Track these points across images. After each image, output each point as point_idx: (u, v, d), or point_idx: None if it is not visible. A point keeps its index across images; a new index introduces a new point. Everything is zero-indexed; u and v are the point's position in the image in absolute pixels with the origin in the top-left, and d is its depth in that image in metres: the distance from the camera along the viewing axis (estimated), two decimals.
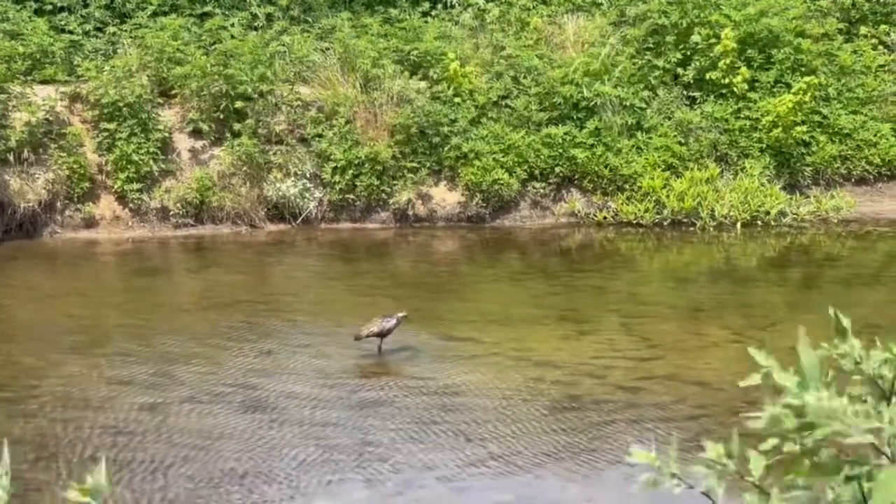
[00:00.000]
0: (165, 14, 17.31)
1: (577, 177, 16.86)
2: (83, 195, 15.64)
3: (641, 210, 16.53)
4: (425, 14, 18.56)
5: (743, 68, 17.49)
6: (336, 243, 15.78)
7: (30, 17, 16.78)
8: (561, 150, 16.68)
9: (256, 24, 17.82)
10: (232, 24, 17.50)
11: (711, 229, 16.40)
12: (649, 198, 16.59)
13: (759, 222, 16.60)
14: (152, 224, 15.88)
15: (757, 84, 17.67)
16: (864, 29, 19.18)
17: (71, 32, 16.88)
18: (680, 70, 17.75)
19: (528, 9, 18.43)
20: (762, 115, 17.32)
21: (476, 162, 16.39)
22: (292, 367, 10.25)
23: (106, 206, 15.82)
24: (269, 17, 18.01)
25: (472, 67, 17.26)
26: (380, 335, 10.45)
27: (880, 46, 19.06)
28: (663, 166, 16.80)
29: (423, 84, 17.05)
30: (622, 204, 16.64)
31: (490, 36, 17.92)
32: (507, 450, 8.37)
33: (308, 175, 16.27)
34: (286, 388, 9.66)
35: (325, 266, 15.02)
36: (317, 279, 14.34)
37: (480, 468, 8.09)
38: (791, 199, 17.06)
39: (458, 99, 16.87)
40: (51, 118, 15.70)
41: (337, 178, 16.22)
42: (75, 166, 15.50)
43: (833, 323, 2.24)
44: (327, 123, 16.47)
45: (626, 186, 16.73)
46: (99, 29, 17.24)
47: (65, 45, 16.54)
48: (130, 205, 15.79)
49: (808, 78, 17.38)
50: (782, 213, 16.78)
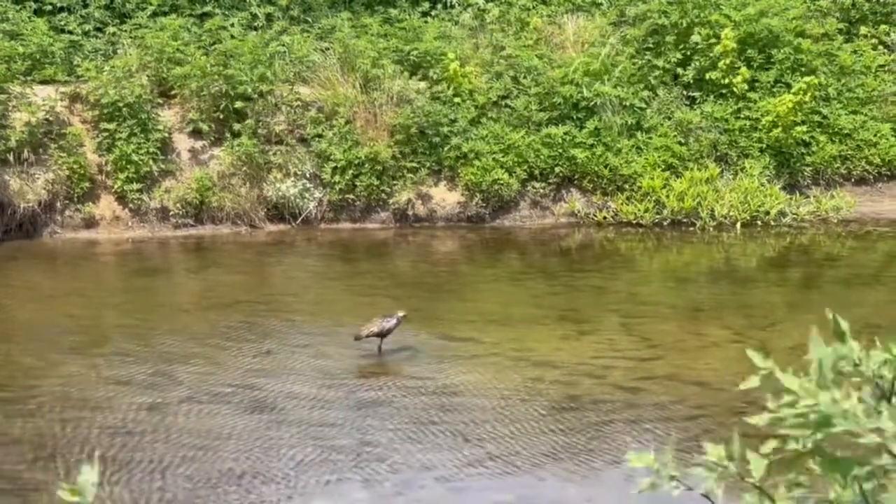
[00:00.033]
0: (165, 14, 17.29)
1: (576, 177, 16.86)
2: (83, 195, 15.63)
3: (641, 210, 16.53)
4: (425, 14, 18.55)
5: (743, 68, 17.49)
6: (336, 243, 15.77)
7: (29, 18, 16.77)
8: (561, 150, 16.68)
9: (256, 24, 17.81)
10: (232, 25, 17.48)
11: (711, 229, 16.39)
12: (649, 198, 16.58)
13: (759, 222, 16.60)
14: (152, 224, 15.87)
15: (757, 84, 17.66)
16: (864, 29, 19.17)
17: (71, 33, 16.86)
18: (680, 70, 17.75)
19: (528, 9, 18.42)
20: (762, 115, 17.31)
21: (476, 162, 16.39)
22: (292, 367, 10.24)
23: (106, 206, 15.81)
24: (268, 17, 18.00)
25: (471, 67, 17.26)
26: (380, 335, 10.44)
27: (880, 46, 19.05)
28: (663, 166, 16.80)
29: (423, 84, 17.04)
30: (622, 204, 16.63)
31: (490, 36, 17.91)
32: (507, 450, 8.36)
33: (308, 175, 16.27)
34: (286, 388, 9.66)
35: (324, 266, 15.01)
36: (317, 279, 14.33)
37: (480, 468, 8.09)
38: (791, 199, 17.06)
39: (457, 99, 16.87)
40: (51, 118, 15.69)
41: (337, 178, 16.21)
42: (75, 166, 15.50)
43: (832, 325, 2.24)
44: (327, 123, 16.46)
45: (626, 186, 16.72)
46: (99, 29, 17.23)
47: (64, 45, 16.53)
48: (130, 205, 15.79)
49: (808, 78, 17.38)
50: (782, 213, 16.77)
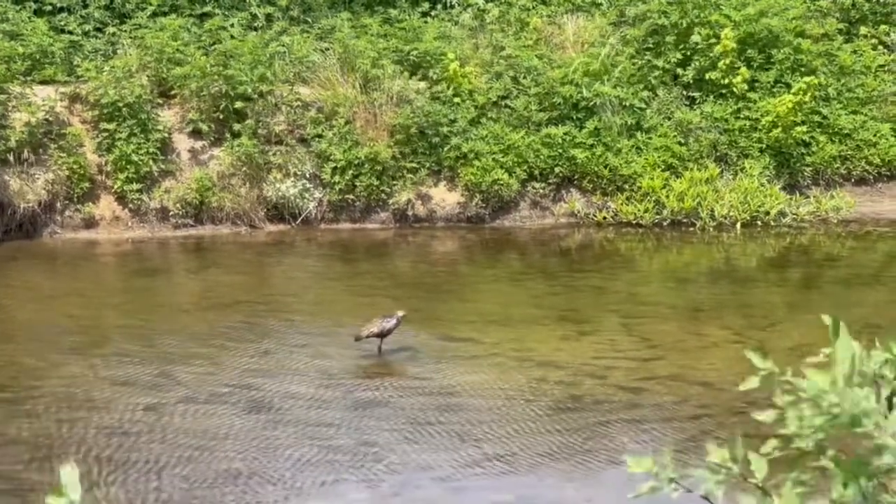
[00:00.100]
0: (165, 14, 17.29)
1: (576, 177, 16.85)
2: (83, 195, 15.63)
3: (641, 210, 16.52)
4: (425, 14, 18.54)
5: (743, 68, 17.48)
6: (336, 244, 15.77)
7: (29, 18, 16.76)
8: (560, 151, 16.67)
9: (256, 24, 17.80)
10: (232, 25, 17.48)
11: (711, 229, 16.39)
12: (649, 198, 16.58)
13: (759, 222, 16.59)
14: (152, 224, 15.87)
15: (757, 84, 17.66)
16: (864, 29, 19.17)
17: (70, 33, 16.86)
18: (680, 70, 17.74)
19: (528, 9, 18.41)
20: (762, 116, 17.31)
21: (476, 162, 16.38)
22: (292, 367, 10.24)
23: (106, 206, 15.81)
24: (268, 17, 17.99)
25: (471, 68, 17.25)
26: (380, 335, 10.44)
27: (880, 46, 19.04)
28: (663, 166, 16.79)
29: (423, 84, 17.03)
30: (622, 204, 16.63)
31: (490, 36, 17.90)
32: (507, 450, 8.36)
33: (308, 175, 16.26)
34: (286, 388, 9.66)
35: (324, 266, 15.01)
36: (316, 279, 14.33)
37: (479, 469, 8.09)
38: (791, 199, 17.05)
39: (457, 99, 16.86)
40: (50, 118, 15.68)
41: (336, 178, 16.21)
42: (75, 167, 15.49)
43: (830, 328, 2.23)
44: (327, 124, 16.46)
45: (626, 186, 16.72)
46: (98, 29, 17.22)
47: (64, 45, 16.53)
48: (130, 205, 15.78)
49: (807, 78, 17.37)
50: (782, 214, 16.77)
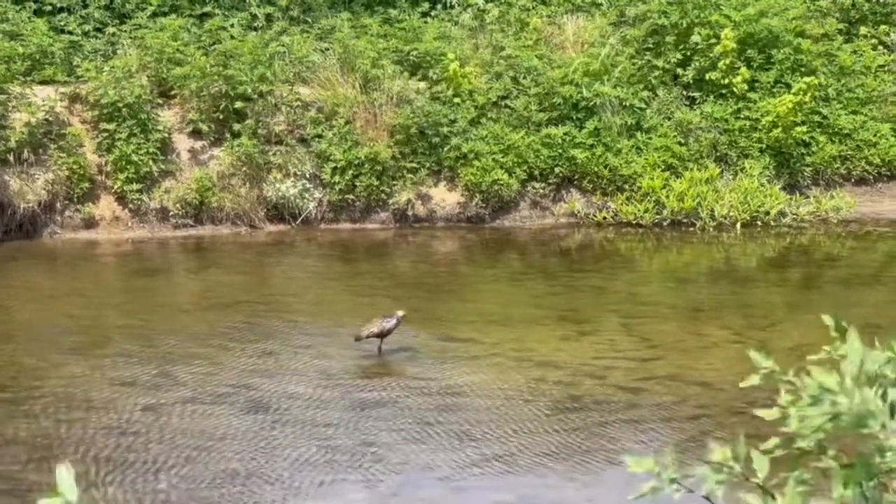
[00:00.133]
0: (165, 14, 17.29)
1: (576, 177, 16.85)
2: (83, 196, 15.63)
3: (641, 210, 16.52)
4: (425, 14, 18.55)
5: (743, 68, 17.48)
6: (336, 244, 15.77)
7: (29, 18, 16.76)
8: (560, 151, 16.67)
9: (256, 24, 17.80)
10: (231, 25, 17.48)
11: (711, 229, 16.39)
12: (649, 198, 16.58)
13: (759, 222, 16.60)
14: (152, 224, 15.87)
15: (757, 84, 17.66)
16: (863, 29, 19.17)
17: (70, 33, 16.86)
18: (680, 70, 17.74)
19: (528, 9, 18.41)
20: (762, 116, 17.31)
21: (476, 162, 16.38)
22: (292, 367, 10.24)
23: (105, 206, 15.81)
24: (268, 17, 17.99)
25: (471, 68, 17.25)
26: (380, 335, 10.45)
27: (880, 47, 19.05)
28: (663, 166, 16.79)
29: (423, 84, 17.03)
30: (622, 204, 16.63)
31: (490, 36, 17.90)
32: (507, 450, 8.36)
33: (308, 175, 16.26)
34: (286, 388, 9.66)
35: (324, 266, 15.02)
36: (316, 280, 14.33)
37: (480, 469, 8.09)
38: (791, 199, 17.05)
39: (457, 99, 16.86)
40: (50, 119, 15.69)
41: (336, 178, 16.21)
42: (75, 167, 15.49)
43: (833, 325, 2.24)
44: (327, 124, 16.46)
45: (626, 187, 16.72)
46: (98, 29, 17.22)
47: (64, 45, 16.53)
48: (130, 205, 15.78)
49: (807, 78, 17.37)
50: (782, 214, 16.77)
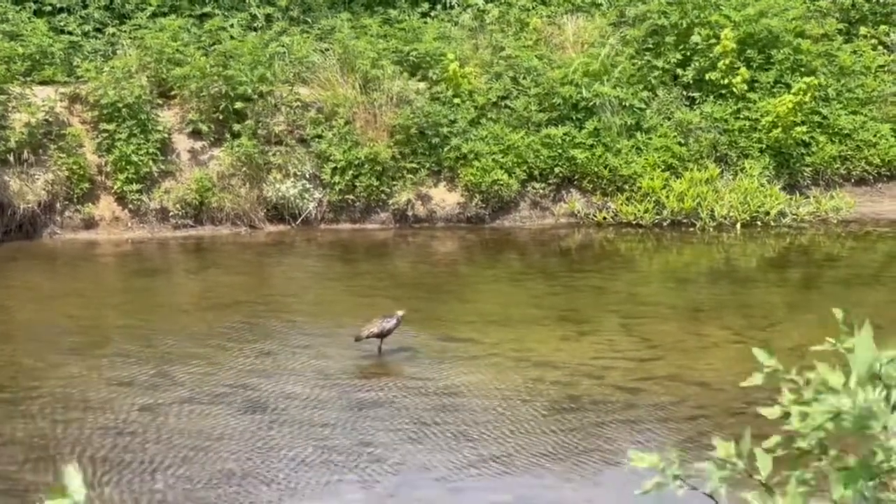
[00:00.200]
0: (165, 15, 17.28)
1: (576, 177, 16.85)
2: (83, 196, 15.62)
3: (641, 210, 16.52)
4: (425, 15, 18.55)
5: (742, 69, 17.48)
6: (336, 244, 15.77)
7: (29, 18, 16.76)
8: (560, 151, 16.67)
9: (256, 24, 17.80)
10: (231, 25, 17.48)
11: (711, 230, 16.38)
12: (649, 198, 16.57)
13: (759, 223, 16.59)
14: (152, 225, 15.86)
15: (756, 84, 17.66)
16: (863, 29, 19.17)
17: (70, 33, 16.86)
18: (679, 70, 17.74)
19: (528, 9, 18.41)
20: (762, 116, 17.31)
21: (475, 162, 16.38)
22: (292, 367, 10.24)
23: (105, 206, 15.80)
24: (268, 17, 17.99)
25: (471, 68, 17.25)
26: (380, 336, 10.45)
27: (880, 47, 19.05)
28: (663, 167, 16.79)
29: (423, 85, 17.03)
30: (622, 204, 16.63)
31: (489, 36, 17.90)
32: (506, 450, 8.36)
33: (307, 176, 16.26)
34: (285, 388, 9.66)
35: (324, 267, 15.01)
36: (316, 280, 14.33)
37: (478, 469, 8.09)
38: (791, 199, 17.05)
39: (457, 100, 16.86)
40: (50, 119, 15.68)
41: (336, 178, 16.20)
42: (75, 167, 15.49)
43: (841, 320, 2.24)
44: (327, 124, 16.46)
45: (626, 187, 16.71)
46: (98, 30, 17.22)
47: (64, 45, 16.53)
48: (130, 206, 15.78)
49: (807, 78, 17.37)
50: (782, 214, 16.76)
